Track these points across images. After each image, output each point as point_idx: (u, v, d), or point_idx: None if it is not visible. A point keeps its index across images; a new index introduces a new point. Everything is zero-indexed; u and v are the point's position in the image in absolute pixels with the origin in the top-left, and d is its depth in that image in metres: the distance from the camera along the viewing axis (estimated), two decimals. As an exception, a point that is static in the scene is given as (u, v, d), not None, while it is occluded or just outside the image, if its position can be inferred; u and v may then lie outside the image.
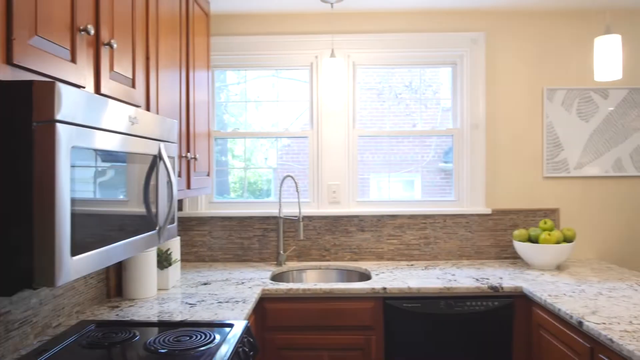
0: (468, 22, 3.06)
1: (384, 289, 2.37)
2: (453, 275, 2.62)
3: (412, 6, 2.97)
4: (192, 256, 3.07)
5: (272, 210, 3.05)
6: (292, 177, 2.90)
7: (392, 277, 2.57)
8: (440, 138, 3.18)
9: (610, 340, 1.63)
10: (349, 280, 2.92)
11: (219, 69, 3.18)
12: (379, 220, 3.05)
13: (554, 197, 3.07)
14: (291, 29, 3.07)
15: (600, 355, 1.73)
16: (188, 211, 3.05)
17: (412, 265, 2.91)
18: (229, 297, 2.25)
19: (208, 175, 2.70)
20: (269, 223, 3.06)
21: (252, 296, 2.26)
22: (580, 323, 1.82)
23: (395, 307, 2.39)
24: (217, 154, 3.24)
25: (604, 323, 1.78)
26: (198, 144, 2.49)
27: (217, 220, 3.06)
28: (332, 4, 2.85)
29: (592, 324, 1.77)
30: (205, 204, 3.10)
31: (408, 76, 3.21)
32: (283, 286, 2.41)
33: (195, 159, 2.37)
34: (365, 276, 2.83)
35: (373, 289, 2.37)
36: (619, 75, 2.37)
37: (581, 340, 1.85)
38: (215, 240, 3.07)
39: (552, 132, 3.05)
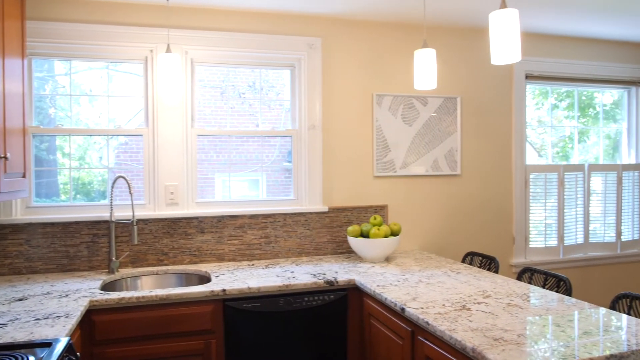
0: (306, 27, 3.17)
1: (224, 290, 2.34)
2: (292, 272, 2.69)
3: (251, 6, 2.98)
4: (5, 269, 2.70)
5: (104, 214, 2.82)
6: (124, 177, 2.71)
7: (233, 278, 2.55)
8: (284, 138, 3.25)
9: (427, 323, 1.82)
10: (189, 284, 2.83)
11: (41, 58, 2.84)
12: (220, 221, 3.00)
13: (383, 195, 3.33)
14: (124, 20, 2.87)
15: (419, 337, 1.92)
16: (1, 218, 2.68)
17: (253, 265, 2.92)
18: (49, 313, 2.02)
19: (24, 176, 2.39)
20: (99, 228, 2.82)
21: (77, 309, 2.06)
22: (403, 309, 2.00)
23: (235, 308, 2.37)
24: (42, 153, 2.89)
25: (422, 308, 1.98)
26: (9, 141, 2.19)
27: (36, 226, 2.73)
28: (168, -4, 2.72)
29: (412, 309, 1.96)
30: (21, 209, 2.74)
31: (252, 76, 3.22)
32: (114, 295, 2.24)
33: (5, 158, 2.08)
34: (205, 279, 2.77)
35: (212, 291, 2.33)
36: (434, 85, 2.65)
37: (404, 325, 2.04)
38: (34, 250, 2.73)
39: (381, 134, 3.31)
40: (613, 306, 2.19)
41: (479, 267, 3.07)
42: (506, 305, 2.00)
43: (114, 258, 2.76)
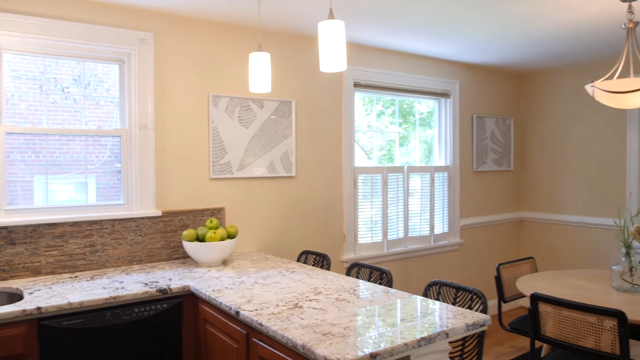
0: (137, 20, 2.99)
1: (39, 308, 2.09)
2: (121, 282, 2.51)
3: (71, -7, 2.71)
4: None
5: None
6: None
7: (51, 294, 2.29)
8: (116, 137, 3.01)
9: (260, 324, 1.84)
10: (-5, 303, 2.47)
11: None
12: (35, 230, 2.68)
13: (220, 197, 3.30)
14: None
15: (254, 339, 1.93)
16: None
17: (76, 277, 2.66)
18: None
19: None
20: None
21: None
22: (238, 312, 2.00)
23: (53, 327, 2.13)
24: None
25: (257, 309, 1.99)
26: None
27: None
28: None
29: (247, 312, 1.97)
30: None
31: (77, 69, 2.92)
32: None
33: None
34: (17, 296, 2.44)
35: (24, 310, 2.06)
36: (268, 89, 2.70)
37: (239, 328, 2.04)
38: None
39: (218, 136, 3.26)
40: (425, 293, 2.46)
41: (313, 265, 3.21)
42: (335, 300, 2.12)
43: None
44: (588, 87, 2.93)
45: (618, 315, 2.27)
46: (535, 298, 2.57)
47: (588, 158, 4.85)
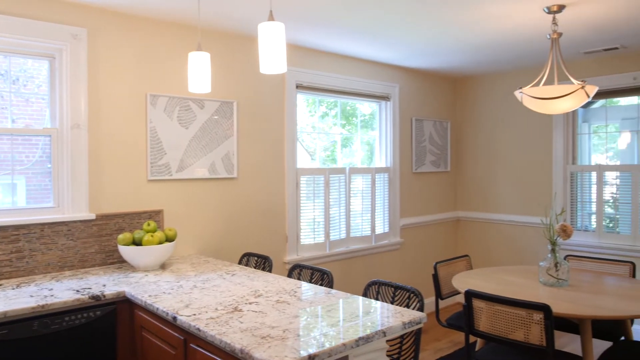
0: (69, 15, 2.86)
1: (-43, 320, 1.96)
2: (51, 290, 2.39)
3: (-5, -16, 2.55)
4: None
5: None
6: None
7: (-29, 304, 2.15)
8: (48, 137, 2.85)
9: (198, 329, 1.81)
10: None
11: None
12: (-46, 236, 2.50)
13: (159, 199, 3.21)
14: None
15: (192, 345, 1.90)
16: None
17: (0, 285, 2.51)
18: None
19: None
20: None
21: None
22: (175, 318, 1.95)
23: (-27, 339, 2.00)
24: None
25: (195, 314, 1.96)
26: None
27: None
28: None
29: (184, 317, 1.92)
30: None
31: (4, 64, 2.74)
32: None
33: None
34: None
35: (-60, 323, 1.92)
36: (208, 89, 2.65)
37: (176, 334, 1.99)
38: None
39: (156, 136, 3.18)
40: (365, 293, 2.50)
41: (255, 267, 3.19)
42: (275, 302, 2.12)
43: None
44: (517, 93, 3.08)
45: (544, 308, 2.40)
46: (469, 294, 2.67)
47: (518, 160, 5.10)
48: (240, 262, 3.31)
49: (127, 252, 2.77)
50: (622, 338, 3.21)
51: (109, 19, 3.01)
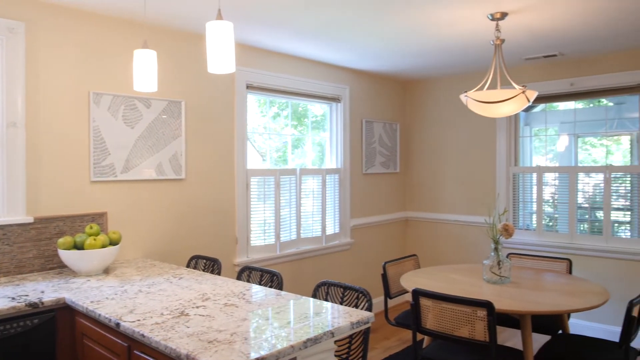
0: (4, 7, 2.71)
1: None
2: (-17, 297, 2.26)
3: None
4: None
5: None
6: None
7: None
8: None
9: (142, 335, 1.76)
10: None
11: None
12: None
13: (102, 201, 3.10)
14: None
15: (136, 352, 1.84)
16: None
17: None
18: None
19: None
20: None
21: None
22: (118, 324, 1.89)
23: None
24: None
25: (139, 320, 1.90)
26: None
27: None
28: None
29: (128, 323, 1.86)
30: None
31: None
32: None
33: None
34: None
35: None
36: (154, 88, 2.58)
37: (119, 341, 1.93)
38: None
39: (99, 136, 3.06)
40: (314, 294, 2.51)
41: (203, 270, 3.14)
42: (223, 305, 2.09)
43: None
44: (462, 97, 3.18)
45: (487, 305, 2.49)
46: (417, 293, 2.73)
47: (464, 161, 5.26)
48: (188, 265, 3.25)
49: (68, 256, 2.66)
50: (560, 332, 3.37)
51: (50, 13, 2.88)
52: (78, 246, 2.73)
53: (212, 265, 3.09)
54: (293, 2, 2.88)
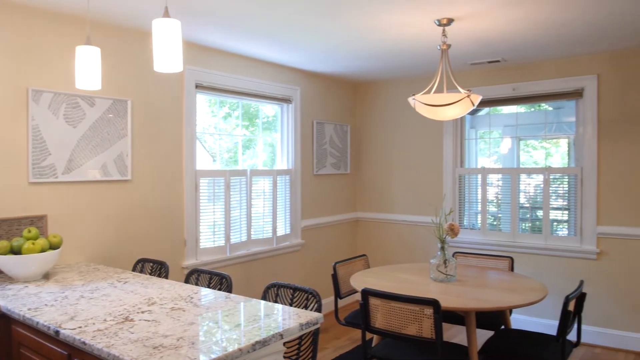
0: None
1: None
2: None
3: None
4: None
5: None
6: None
7: None
8: None
9: (84, 342, 1.69)
10: None
11: None
12: None
13: (42, 203, 2.96)
14: None
15: (77, 360, 1.77)
16: None
17: None
18: None
19: None
20: None
21: None
22: (57, 332, 1.81)
23: None
24: None
25: (80, 327, 1.83)
26: None
27: None
28: None
29: (69, 330, 1.79)
30: None
31: None
32: None
33: None
34: None
35: None
36: (98, 86, 2.50)
37: (59, 350, 1.85)
38: None
39: (39, 135, 2.93)
40: (264, 296, 2.50)
41: (150, 274, 3.06)
42: (170, 310, 2.04)
43: None
44: (410, 100, 3.25)
45: (433, 303, 2.55)
46: (366, 293, 2.76)
47: (412, 163, 5.38)
48: (134, 269, 3.16)
49: (4, 262, 2.52)
50: (502, 327, 3.51)
51: (-17, 5, 2.72)
52: (15, 251, 2.60)
53: (159, 269, 3.02)
54: (243, 2, 2.86)
